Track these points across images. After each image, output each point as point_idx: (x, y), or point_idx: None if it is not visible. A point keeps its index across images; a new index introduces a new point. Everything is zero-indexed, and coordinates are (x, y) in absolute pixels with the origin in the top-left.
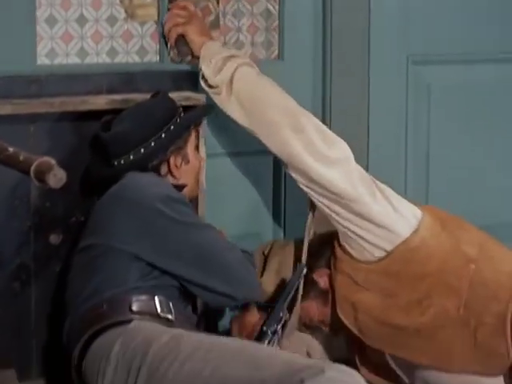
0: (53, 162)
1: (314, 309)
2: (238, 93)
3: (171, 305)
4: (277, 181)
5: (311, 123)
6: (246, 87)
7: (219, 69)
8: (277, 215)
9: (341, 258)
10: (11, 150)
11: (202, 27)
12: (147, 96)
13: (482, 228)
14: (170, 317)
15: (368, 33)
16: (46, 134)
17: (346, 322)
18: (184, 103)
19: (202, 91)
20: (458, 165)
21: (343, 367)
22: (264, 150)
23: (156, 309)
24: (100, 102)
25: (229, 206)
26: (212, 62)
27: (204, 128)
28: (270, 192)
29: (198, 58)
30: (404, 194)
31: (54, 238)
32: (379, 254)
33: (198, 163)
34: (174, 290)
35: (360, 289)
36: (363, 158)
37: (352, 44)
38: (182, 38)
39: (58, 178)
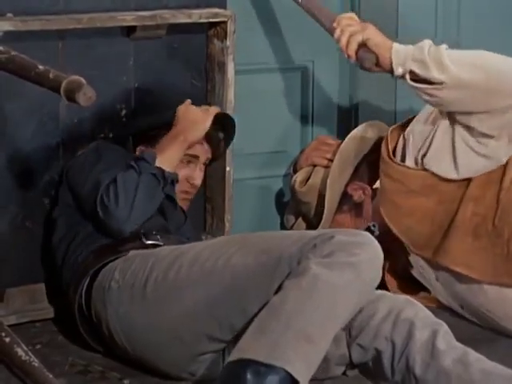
0: (83, 80)
1: (348, 221)
2: (471, 79)
3: (155, 233)
4: (305, 98)
5: None
6: (481, 66)
7: (436, 63)
8: (304, 133)
9: (392, 165)
10: (41, 67)
11: (377, 30)
12: (174, 12)
13: None
14: (157, 242)
15: None
16: (74, 51)
17: (390, 224)
18: (212, 20)
19: (230, 7)
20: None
21: (353, 231)
22: (292, 67)
23: (140, 238)
24: (128, 18)
25: (257, 123)
26: (416, 60)
27: (232, 45)
28: (298, 109)
29: (380, 63)
30: None
31: None
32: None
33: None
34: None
35: (414, 195)
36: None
37: None
38: (363, 46)
39: (87, 96)
